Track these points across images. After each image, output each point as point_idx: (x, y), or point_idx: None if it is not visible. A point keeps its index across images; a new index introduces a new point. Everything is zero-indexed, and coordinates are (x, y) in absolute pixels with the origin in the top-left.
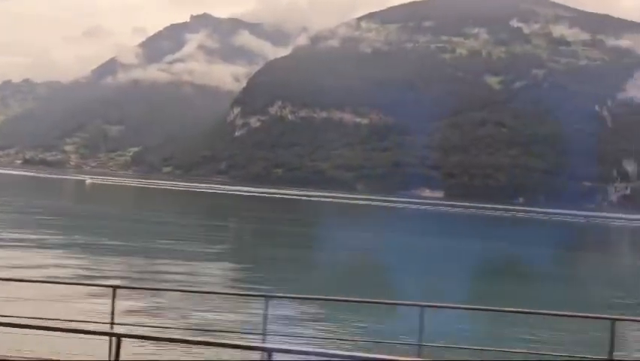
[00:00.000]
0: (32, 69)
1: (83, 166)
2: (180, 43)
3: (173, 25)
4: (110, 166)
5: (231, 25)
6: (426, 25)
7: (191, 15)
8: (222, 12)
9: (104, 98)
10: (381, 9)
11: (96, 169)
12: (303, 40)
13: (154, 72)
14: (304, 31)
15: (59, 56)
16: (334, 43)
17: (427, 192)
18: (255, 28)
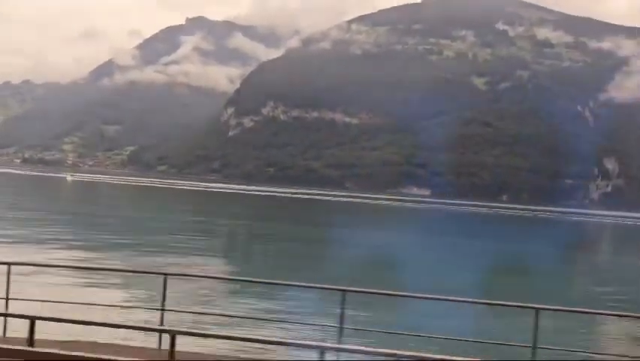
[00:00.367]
0: (32, 70)
1: (81, 165)
2: (176, 45)
3: (169, 28)
4: (106, 165)
5: (226, 28)
6: (414, 28)
7: (187, 18)
8: (217, 15)
9: (102, 99)
10: (372, 12)
11: (93, 168)
12: (295, 43)
13: (150, 73)
14: (296, 33)
15: (57, 57)
16: (325, 45)
17: (415, 190)
18: (249, 31)
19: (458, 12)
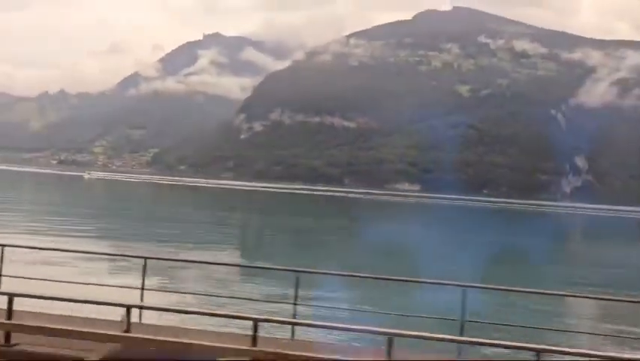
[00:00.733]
0: (66, 82)
1: (110, 165)
2: (194, 58)
3: (188, 43)
4: (132, 165)
5: (238, 43)
6: (406, 42)
7: (204, 34)
8: (231, 31)
9: (128, 107)
10: (368, 28)
11: (121, 168)
12: (299, 55)
13: (171, 84)
14: (301, 47)
15: (88, 70)
16: (327, 57)
17: (406, 186)
18: (259, 45)
19: (445, 27)
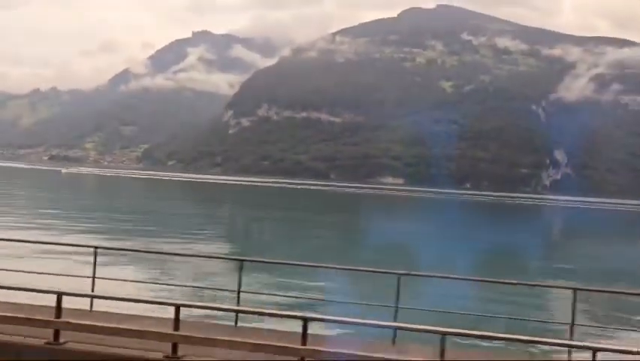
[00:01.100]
0: (58, 79)
1: (101, 161)
2: (183, 55)
3: (177, 41)
4: (123, 161)
5: (227, 40)
6: (390, 39)
7: (193, 31)
8: (219, 29)
9: (119, 103)
10: (353, 25)
11: (112, 163)
12: (287, 52)
13: (161, 81)
14: (288, 44)
15: (80, 67)
16: (313, 54)
17: (390, 180)
18: (247, 42)
19: (429, 24)
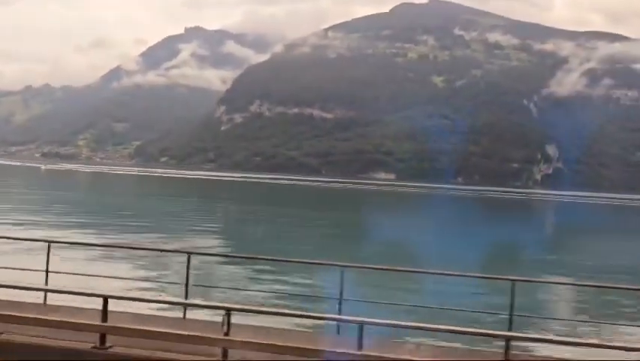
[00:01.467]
0: (50, 75)
1: (93, 158)
2: (175, 52)
3: (170, 37)
4: (115, 157)
5: (220, 36)
6: (383, 34)
7: (185, 27)
8: (212, 25)
9: (111, 100)
10: (346, 20)
11: (104, 160)
12: (279, 48)
13: (153, 77)
14: (281, 40)
15: (72, 64)
16: (306, 49)
17: (382, 175)
18: (240, 38)
19: (421, 20)
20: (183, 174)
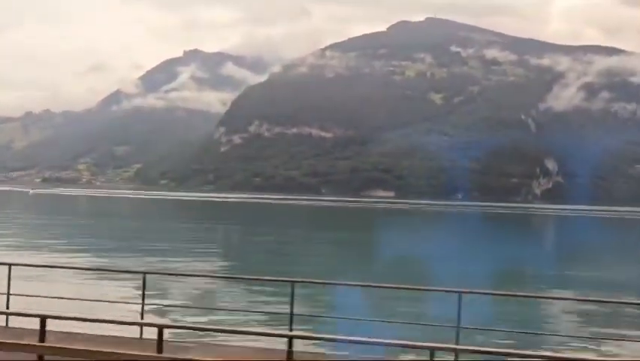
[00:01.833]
0: (50, 101)
1: (94, 182)
2: (174, 74)
3: (168, 60)
4: (116, 181)
5: (218, 58)
6: (380, 53)
7: (184, 50)
8: (210, 47)
9: (111, 124)
10: (343, 40)
11: (105, 184)
12: (277, 69)
13: (152, 100)
14: (279, 60)
15: (71, 89)
16: (303, 69)
17: (381, 193)
18: (238, 60)
19: (418, 37)
20: (185, 196)
